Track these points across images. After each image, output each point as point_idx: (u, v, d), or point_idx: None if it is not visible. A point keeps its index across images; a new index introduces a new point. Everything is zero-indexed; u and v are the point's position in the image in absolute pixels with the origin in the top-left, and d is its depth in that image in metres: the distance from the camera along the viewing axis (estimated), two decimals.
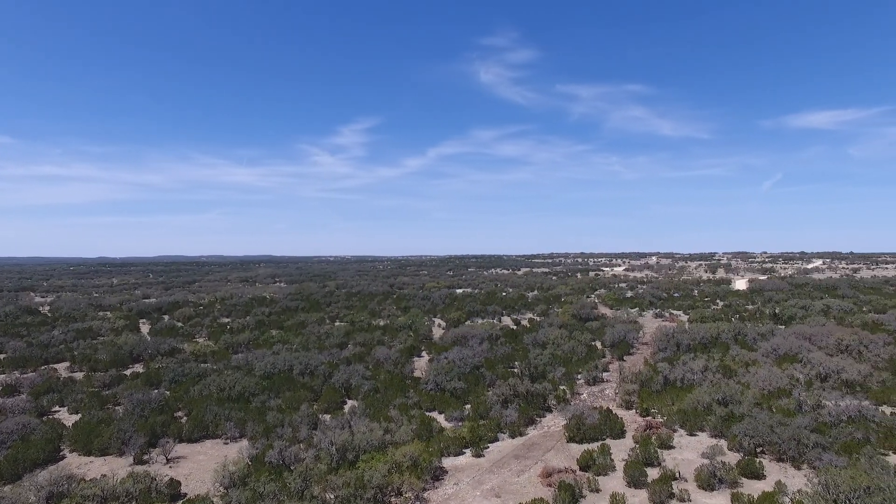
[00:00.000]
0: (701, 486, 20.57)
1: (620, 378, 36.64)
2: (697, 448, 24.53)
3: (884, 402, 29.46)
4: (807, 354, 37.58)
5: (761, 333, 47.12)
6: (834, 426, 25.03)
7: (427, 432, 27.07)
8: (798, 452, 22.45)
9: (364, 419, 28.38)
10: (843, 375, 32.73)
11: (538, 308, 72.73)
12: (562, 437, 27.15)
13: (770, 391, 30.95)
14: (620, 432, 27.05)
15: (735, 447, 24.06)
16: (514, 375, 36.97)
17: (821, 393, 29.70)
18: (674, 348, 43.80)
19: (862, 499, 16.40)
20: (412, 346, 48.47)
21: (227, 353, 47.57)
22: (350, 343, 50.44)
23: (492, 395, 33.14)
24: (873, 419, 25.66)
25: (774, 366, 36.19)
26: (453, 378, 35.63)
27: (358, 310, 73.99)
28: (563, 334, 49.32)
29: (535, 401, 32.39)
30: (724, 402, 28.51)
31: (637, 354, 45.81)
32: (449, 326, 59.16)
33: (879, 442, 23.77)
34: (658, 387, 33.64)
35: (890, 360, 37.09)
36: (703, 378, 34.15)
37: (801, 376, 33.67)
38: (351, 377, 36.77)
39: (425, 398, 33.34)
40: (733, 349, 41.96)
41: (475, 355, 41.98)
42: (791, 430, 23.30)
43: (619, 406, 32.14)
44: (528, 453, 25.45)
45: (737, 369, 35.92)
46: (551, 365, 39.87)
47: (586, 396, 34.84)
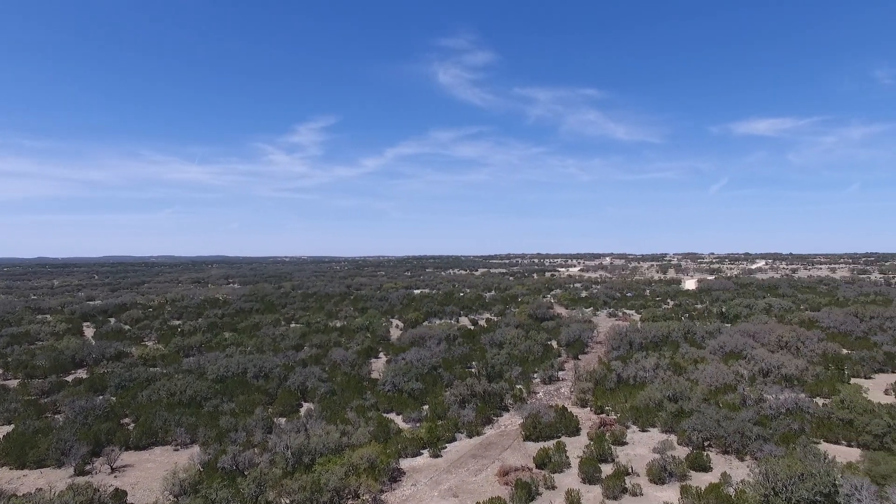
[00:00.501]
0: (652, 480, 21.20)
1: (576, 376, 37.36)
2: (649, 443, 25.25)
3: (817, 394, 31.07)
4: (751, 351, 39.23)
5: (709, 332, 48.89)
6: (774, 418, 26.22)
7: (384, 434, 26.94)
8: (742, 445, 23.44)
9: (320, 422, 28.01)
10: (783, 370, 34.33)
11: (495, 308, 73.37)
12: (518, 436, 27.47)
13: (717, 387, 32.14)
14: (575, 430, 27.58)
15: (684, 441, 24.90)
16: (471, 375, 37.19)
17: (763, 387, 31.12)
18: (627, 347, 44.94)
19: (796, 485, 17.26)
20: (369, 347, 48.13)
21: (177, 357, 46.08)
22: (306, 345, 49.68)
23: (449, 395, 33.25)
24: (808, 410, 27.06)
25: (721, 363, 37.61)
26: (411, 379, 35.57)
27: (314, 311, 72.94)
28: (519, 334, 49.93)
29: (493, 400, 32.68)
30: (675, 399, 29.44)
31: (592, 353, 46.79)
32: (407, 327, 59.01)
33: (813, 431, 25.17)
34: (612, 385, 34.48)
35: (823, 355, 39.14)
36: (655, 375, 35.18)
37: (746, 372, 35.10)
38: (307, 379, 36.22)
39: (383, 399, 33.16)
40: (683, 347, 43.38)
41: (433, 356, 42.04)
42: (736, 424, 24.29)
43: (575, 404, 32.76)
44: (485, 452, 25.64)
45: (686, 367, 37.15)
46: (508, 364, 40.31)
47: (542, 395, 35.36)
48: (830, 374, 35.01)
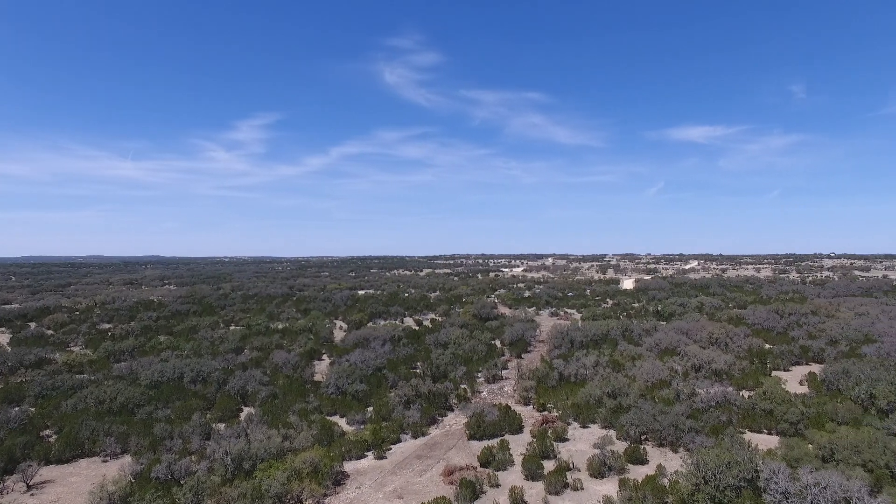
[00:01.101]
0: (592, 474, 21.85)
1: (519, 375, 37.98)
2: (589, 439, 25.99)
3: (743, 387, 32.89)
4: (684, 348, 41.06)
5: (646, 329, 50.81)
6: (705, 411, 27.55)
7: (328, 437, 26.55)
8: (676, 437, 24.52)
9: (262, 426, 27.29)
10: (713, 366, 36.12)
11: (440, 308, 73.62)
12: (463, 435, 27.69)
13: (653, 383, 33.45)
14: (519, 428, 28.05)
15: (623, 436, 25.79)
16: (416, 376, 37.18)
17: (695, 382, 32.65)
18: (568, 345, 46.07)
19: (723, 473, 18.23)
20: (312, 349, 47.27)
21: (107, 363, 43.76)
22: (247, 348, 48.28)
23: (394, 396, 33.13)
24: (735, 403, 28.61)
25: (657, 359, 39.16)
26: (355, 381, 35.21)
27: (255, 313, 70.99)
28: (464, 334, 50.30)
29: (438, 400, 32.78)
30: (614, 395, 30.43)
31: (534, 352, 47.71)
32: (351, 328, 58.34)
33: (739, 422, 26.69)
34: (554, 382, 35.29)
35: (749, 350, 41.48)
36: (595, 373, 36.24)
37: (680, 368, 36.70)
38: (247, 383, 35.21)
39: (326, 402, 32.67)
40: (622, 345, 44.89)
41: (377, 357, 41.76)
42: (670, 418, 25.38)
43: (518, 402, 33.31)
44: (430, 453, 25.69)
45: (624, 363, 38.46)
46: (453, 364, 40.54)
47: (486, 394, 35.77)
48: (755, 368, 37.10)
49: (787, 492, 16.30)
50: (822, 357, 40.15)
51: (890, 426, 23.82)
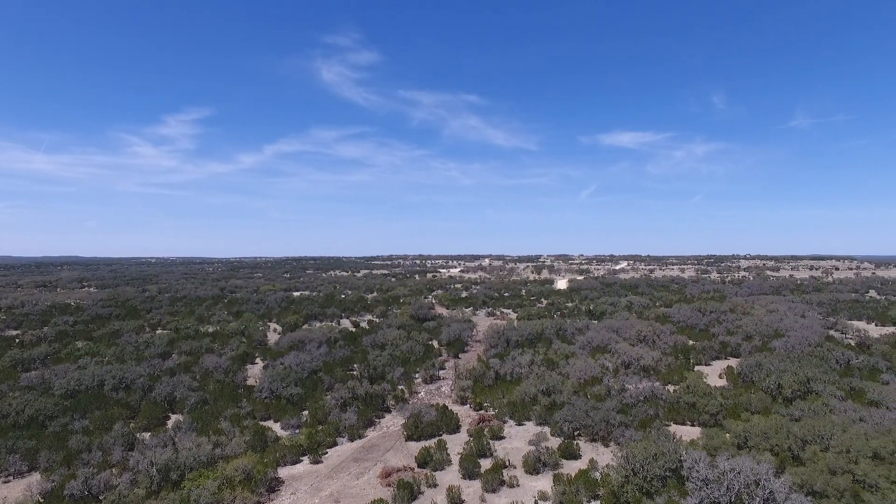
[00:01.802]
0: (528, 471, 22.31)
1: (456, 375, 38.25)
2: (525, 436, 26.53)
3: (669, 381, 34.56)
4: (615, 345, 42.63)
5: (579, 328, 52.38)
6: (634, 406, 28.74)
7: (261, 442, 25.79)
8: (607, 432, 25.44)
9: (191, 434, 26.18)
10: (642, 362, 37.72)
11: (377, 309, 73.05)
12: (401, 437, 27.60)
13: (586, 380, 34.56)
14: (456, 427, 28.26)
15: (557, 432, 26.49)
16: (353, 378, 36.74)
17: (625, 378, 33.95)
18: (504, 345, 46.81)
19: (650, 464, 19.10)
20: (245, 352, 45.73)
21: (13, 372, 40.56)
22: (175, 352, 46.10)
23: (330, 399, 32.59)
24: (661, 397, 30.03)
25: (589, 357, 40.46)
26: (290, 384, 34.37)
27: (184, 316, 67.91)
28: (401, 335, 50.14)
29: (375, 402, 32.53)
30: (548, 393, 31.19)
31: (471, 352, 48.19)
32: (286, 331, 56.87)
33: (665, 415, 28.03)
34: (490, 381, 35.77)
35: (674, 347, 43.62)
36: (530, 371, 37.03)
37: (610, 365, 38.08)
38: (175, 389, 33.65)
39: (260, 407, 31.71)
40: (556, 343, 46.08)
41: (313, 359, 40.94)
42: (602, 413, 26.30)
43: (455, 402, 33.56)
44: (367, 455, 25.45)
45: (558, 362, 39.51)
46: (390, 366, 40.34)
47: (424, 395, 35.81)
48: (679, 364, 39.06)
49: (707, 478, 17.26)
50: (739, 352, 42.74)
51: (793, 413, 25.75)
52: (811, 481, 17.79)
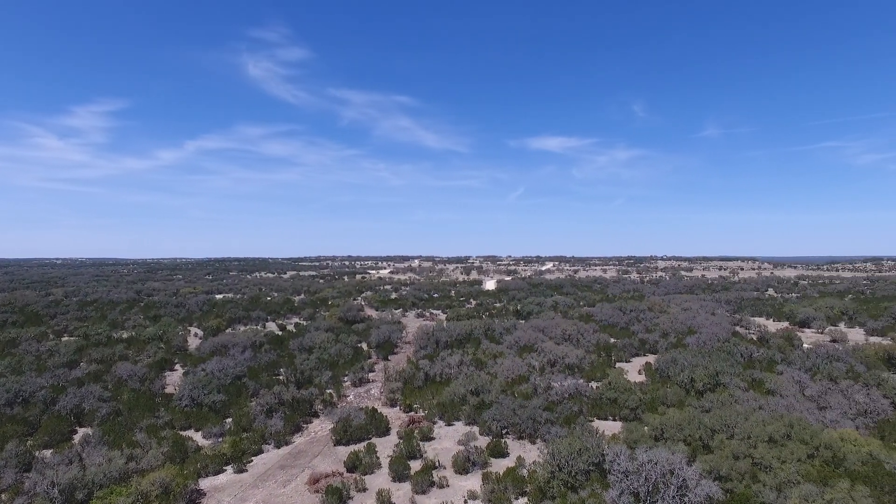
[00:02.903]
0: (457, 470, 22.55)
1: (385, 377, 38.05)
2: (455, 436, 26.79)
3: (592, 378, 35.97)
4: (541, 344, 43.84)
5: (506, 328, 53.47)
6: (559, 403, 29.69)
7: (181, 453, 24.58)
8: (534, 429, 26.14)
9: (101, 448, 24.54)
10: (567, 360, 39.02)
11: (305, 312, 71.46)
12: (329, 441, 27.15)
13: (513, 378, 35.32)
14: (386, 430, 28.12)
15: (485, 431, 26.93)
16: (279, 383, 35.76)
17: (550, 376, 35.00)
18: (434, 346, 47.06)
19: (575, 459, 19.83)
20: (163, 359, 43.41)
21: None
22: (83, 361, 43.04)
23: (256, 405, 31.54)
24: (585, 394, 31.20)
25: (517, 356, 41.37)
26: (212, 391, 32.98)
27: (95, 321, 63.53)
28: (329, 337, 49.30)
29: (302, 407, 31.79)
30: (477, 392, 31.65)
31: (401, 353, 48.10)
32: (208, 335, 54.48)
33: (589, 411, 29.15)
34: (420, 383, 35.85)
35: (597, 345, 45.46)
36: (459, 371, 37.42)
37: (537, 363, 39.12)
38: (83, 400, 31.42)
39: (179, 416, 30.21)
40: (484, 343, 46.81)
41: (237, 365, 39.48)
42: (529, 411, 26.98)
43: (385, 404, 33.38)
44: (294, 462, 24.84)
45: (487, 361, 40.16)
46: (318, 369, 39.57)
47: (353, 398, 35.38)
48: (602, 361, 40.72)
49: (627, 470, 18.12)
50: (657, 348, 45.12)
51: (704, 404, 27.51)
52: (718, 467, 19.08)
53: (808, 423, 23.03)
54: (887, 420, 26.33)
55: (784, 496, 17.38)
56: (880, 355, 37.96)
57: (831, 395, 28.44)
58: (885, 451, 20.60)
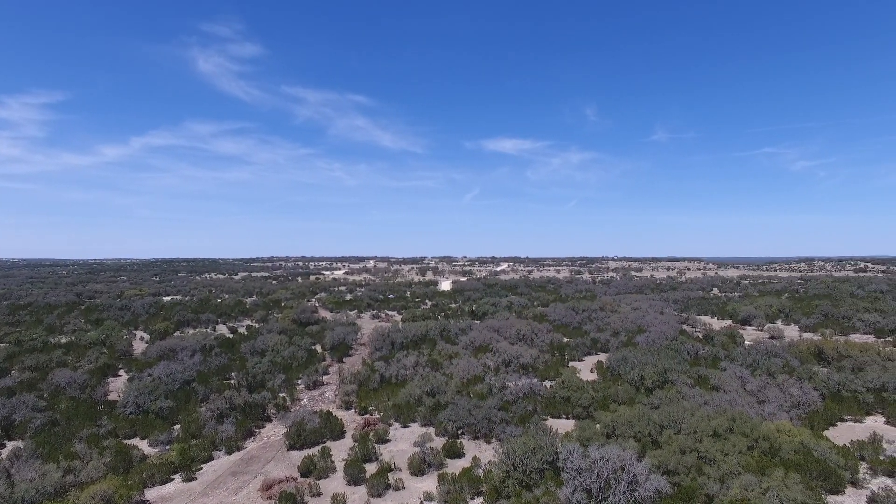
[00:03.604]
0: (413, 472, 22.52)
1: (340, 380, 37.66)
2: (410, 438, 26.75)
3: (546, 377, 36.61)
4: (496, 344, 44.28)
5: (462, 329, 53.74)
6: (514, 403, 30.08)
7: (125, 463, 23.66)
8: (489, 429, 26.38)
9: (34, 462, 23.30)
10: (521, 360, 39.56)
11: (257, 314, 69.88)
12: (282, 446, 26.65)
13: (469, 379, 35.56)
14: (340, 433, 27.82)
15: (441, 432, 27.00)
16: (231, 387, 34.87)
17: (505, 376, 35.44)
18: (389, 347, 46.86)
19: (530, 458, 20.14)
20: (106, 364, 41.60)
21: None
22: (15, 368, 40.78)
23: (206, 410, 30.65)
24: (539, 393, 31.72)
25: (472, 356, 41.66)
26: (159, 397, 31.86)
27: (29, 325, 60.28)
28: (283, 340, 48.41)
29: (255, 411, 31.11)
30: (433, 393, 31.70)
31: (356, 355, 47.67)
32: (154, 339, 52.55)
33: (543, 410, 29.65)
34: (375, 385, 35.64)
35: (550, 344, 46.28)
36: (415, 373, 37.40)
37: (492, 363, 39.50)
38: (14, 411, 29.74)
39: (124, 424, 29.05)
40: (440, 344, 46.92)
41: (186, 369, 38.27)
42: (484, 411, 27.22)
43: (340, 407, 33.03)
44: (246, 468, 24.27)
45: (442, 362, 40.28)
46: (271, 372, 38.79)
47: (307, 401, 34.86)
48: (555, 360, 41.48)
49: (580, 468, 18.52)
50: (608, 347, 46.27)
51: (653, 401, 28.41)
52: (666, 462, 19.75)
53: (749, 416, 24.14)
54: (816, 411, 27.89)
55: (726, 487, 18.15)
56: (812, 350, 40.13)
57: (769, 390, 29.87)
58: (814, 439, 21.89)
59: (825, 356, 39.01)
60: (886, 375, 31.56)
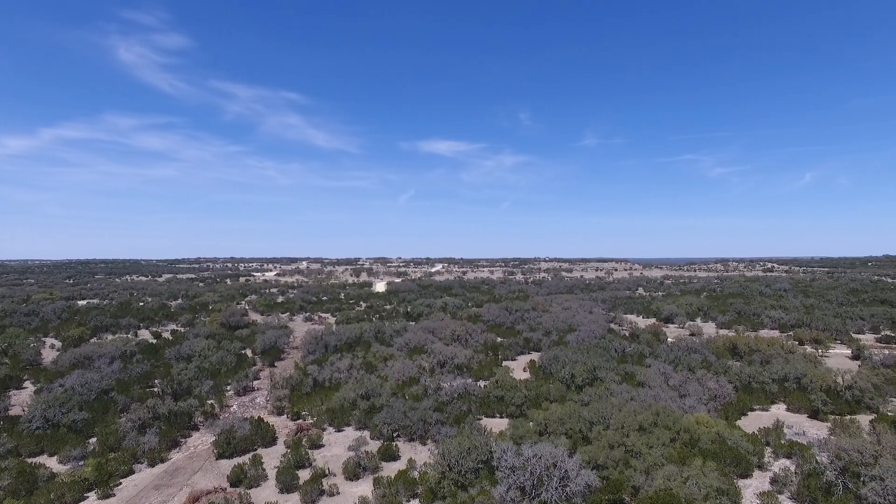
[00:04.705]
0: (348, 477, 22.23)
1: (272, 384, 36.58)
2: (345, 442, 26.39)
3: (480, 377, 37.12)
4: (431, 345, 44.42)
5: (397, 330, 53.56)
6: (449, 403, 30.27)
7: (29, 484, 21.92)
8: (424, 430, 26.43)
9: None
10: (456, 360, 39.89)
11: (183, 318, 66.80)
12: (211, 455, 25.61)
13: (404, 381, 35.47)
14: (272, 440, 27.06)
15: (376, 435, 26.79)
16: (154, 395, 33.15)
17: (440, 377, 35.62)
18: (323, 350, 46.03)
19: (465, 458, 20.36)
20: (7, 376, 38.42)
21: None
22: None
23: (126, 421, 28.95)
24: (474, 393, 32.09)
25: (407, 358, 41.59)
26: (72, 408, 29.81)
27: None
28: (210, 344, 46.52)
29: (180, 420, 29.70)
30: (367, 396, 31.39)
31: (288, 359, 46.52)
32: (67, 346, 49.11)
33: (477, 410, 30.03)
34: (308, 389, 34.90)
35: (485, 344, 46.94)
36: (350, 376, 36.91)
37: (427, 365, 39.59)
38: None
39: (29, 440, 26.94)
40: (375, 346, 46.54)
41: (103, 378, 36.04)
42: (419, 413, 27.24)
43: (271, 413, 32.11)
44: (171, 480, 23.14)
45: (377, 364, 39.98)
46: (198, 379, 37.18)
47: (237, 408, 33.67)
48: (489, 360, 42.09)
49: (514, 466, 18.91)
50: (540, 346, 47.47)
51: (583, 398, 29.41)
52: (596, 457, 20.50)
53: (671, 410, 25.45)
54: (731, 402, 29.86)
55: (651, 478, 19.07)
56: (727, 346, 42.85)
57: (690, 384, 31.60)
58: (728, 429, 23.50)
59: (738, 351, 41.72)
60: (788, 367, 34.21)
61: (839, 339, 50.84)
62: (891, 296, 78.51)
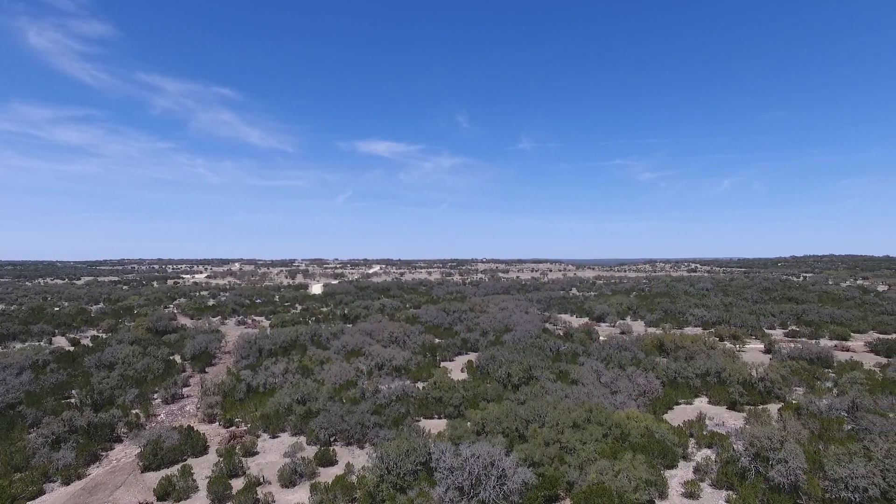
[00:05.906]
0: (284, 484, 21.66)
1: (202, 391, 35.13)
2: (280, 448, 25.70)
3: (419, 379, 37.14)
4: (368, 348, 44.02)
5: (334, 333, 52.74)
6: (387, 406, 30.10)
7: None
8: (362, 434, 26.15)
9: None
10: (394, 362, 39.72)
11: (105, 323, 63.02)
12: (135, 468, 24.28)
13: (341, 384, 34.95)
14: (203, 449, 25.99)
15: (313, 441, 26.26)
16: (71, 407, 31.08)
17: (378, 379, 35.35)
18: (257, 354, 44.68)
19: (403, 460, 20.31)
20: None
21: None
22: None
23: (36, 437, 26.94)
24: (412, 394, 32.08)
25: (344, 361, 41.03)
26: None
27: None
28: (135, 351, 44.13)
29: (101, 432, 27.98)
30: (303, 401, 30.72)
31: (220, 364, 44.86)
32: None
33: (416, 411, 30.04)
34: (241, 395, 33.78)
35: (423, 346, 47.00)
36: (285, 380, 35.99)
37: (365, 367, 39.21)
38: None
39: None
40: (311, 349, 45.62)
41: (9, 391, 33.45)
42: (357, 416, 26.93)
43: (202, 421, 30.84)
44: (89, 498, 21.76)
45: (314, 368, 39.21)
46: (122, 387, 35.21)
47: (165, 417, 32.11)
48: (427, 361, 42.19)
49: (452, 467, 19.03)
50: (477, 347, 48.03)
51: (519, 397, 30.00)
52: (532, 454, 20.96)
53: (604, 406, 26.39)
54: (658, 397, 31.36)
55: (585, 473, 19.69)
56: (654, 343, 44.92)
57: (620, 381, 32.87)
58: (656, 423, 24.66)
59: (665, 348, 43.80)
60: (710, 362, 36.28)
61: (754, 335, 54.40)
62: (797, 293, 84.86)
